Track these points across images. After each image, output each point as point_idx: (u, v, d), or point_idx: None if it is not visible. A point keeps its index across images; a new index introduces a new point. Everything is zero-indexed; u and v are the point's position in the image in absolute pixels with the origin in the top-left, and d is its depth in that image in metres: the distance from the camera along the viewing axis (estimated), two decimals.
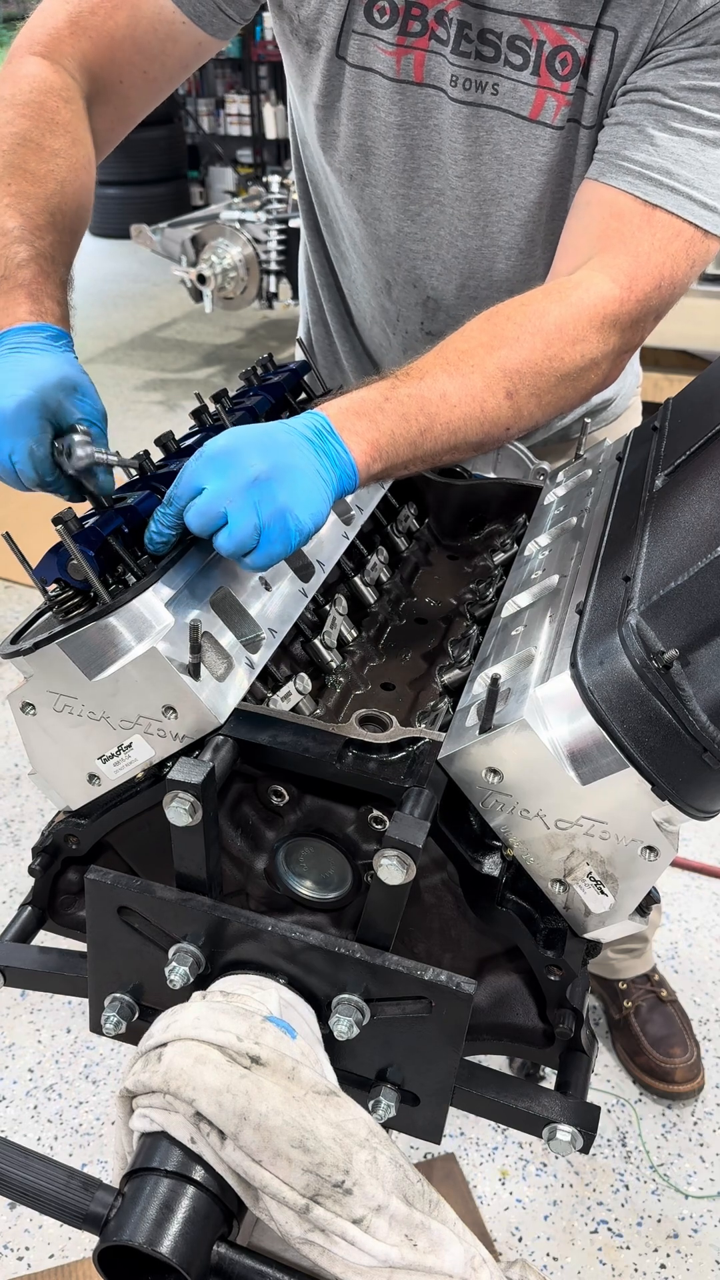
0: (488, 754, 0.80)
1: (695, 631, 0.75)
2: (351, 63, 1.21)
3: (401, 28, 1.18)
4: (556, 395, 1.07)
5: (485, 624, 1.08)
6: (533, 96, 1.18)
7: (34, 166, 1.07)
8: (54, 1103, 2.01)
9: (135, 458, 1.03)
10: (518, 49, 1.16)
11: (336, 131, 1.27)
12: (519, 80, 1.18)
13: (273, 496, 0.82)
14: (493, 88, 1.19)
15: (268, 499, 0.82)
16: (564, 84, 1.17)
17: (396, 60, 1.20)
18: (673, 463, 0.98)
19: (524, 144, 1.21)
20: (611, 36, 1.14)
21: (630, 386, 1.65)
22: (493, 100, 1.19)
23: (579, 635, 0.82)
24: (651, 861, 0.79)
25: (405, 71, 1.20)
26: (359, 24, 1.19)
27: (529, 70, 1.17)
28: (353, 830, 0.86)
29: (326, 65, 1.23)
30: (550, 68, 1.16)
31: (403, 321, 1.41)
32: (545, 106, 1.18)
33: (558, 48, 1.15)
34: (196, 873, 0.82)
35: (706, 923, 2.39)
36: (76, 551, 0.83)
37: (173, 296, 6.83)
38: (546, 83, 1.17)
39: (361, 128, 1.25)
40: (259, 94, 8.41)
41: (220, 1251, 0.67)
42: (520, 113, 1.19)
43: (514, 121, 1.20)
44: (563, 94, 1.17)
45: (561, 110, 1.18)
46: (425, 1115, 0.83)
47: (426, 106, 1.22)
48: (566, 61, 1.16)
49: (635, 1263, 1.76)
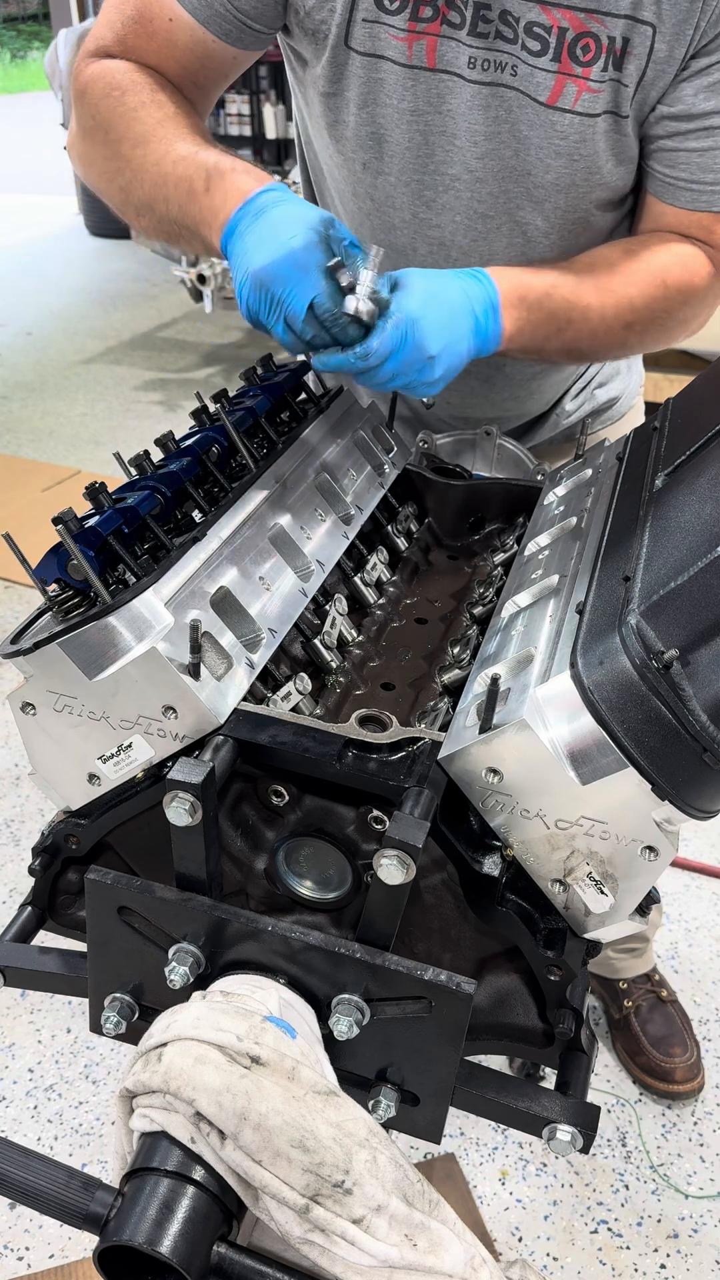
0: (488, 754, 0.80)
1: (695, 631, 0.75)
2: (359, 50, 1.21)
3: (413, 13, 1.17)
4: (657, 338, 1.30)
5: (485, 624, 1.08)
6: (551, 82, 1.18)
7: (171, 110, 1.17)
8: (54, 1103, 2.01)
9: (135, 458, 1.03)
10: (535, 35, 1.16)
11: (345, 121, 1.27)
12: (536, 65, 1.17)
13: (427, 350, 1.06)
14: (512, 69, 1.19)
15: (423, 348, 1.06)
16: (585, 69, 1.17)
17: (408, 46, 1.19)
18: (673, 463, 0.98)
19: (541, 127, 1.21)
20: (649, 32, 1.14)
21: (634, 387, 1.65)
22: (511, 81, 1.19)
23: (579, 635, 0.82)
24: (651, 861, 0.79)
25: (417, 57, 1.20)
26: (367, 11, 1.18)
27: (548, 56, 1.17)
28: (353, 830, 0.86)
29: (333, 53, 1.22)
30: (572, 54, 1.16)
31: None
32: (565, 92, 1.18)
33: (580, 34, 1.15)
34: (196, 873, 0.82)
35: (706, 923, 2.39)
36: (76, 551, 0.83)
37: (173, 296, 6.83)
38: (567, 69, 1.17)
39: (373, 115, 1.24)
40: (259, 94, 8.40)
41: (220, 1251, 0.67)
42: (538, 97, 1.19)
43: (531, 105, 1.20)
44: (584, 79, 1.17)
45: (583, 97, 1.18)
46: (425, 1115, 0.83)
47: (440, 92, 1.21)
48: (589, 48, 1.16)
49: (635, 1263, 1.76)
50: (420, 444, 1.42)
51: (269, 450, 1.13)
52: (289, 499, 1.06)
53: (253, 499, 1.03)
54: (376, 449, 1.27)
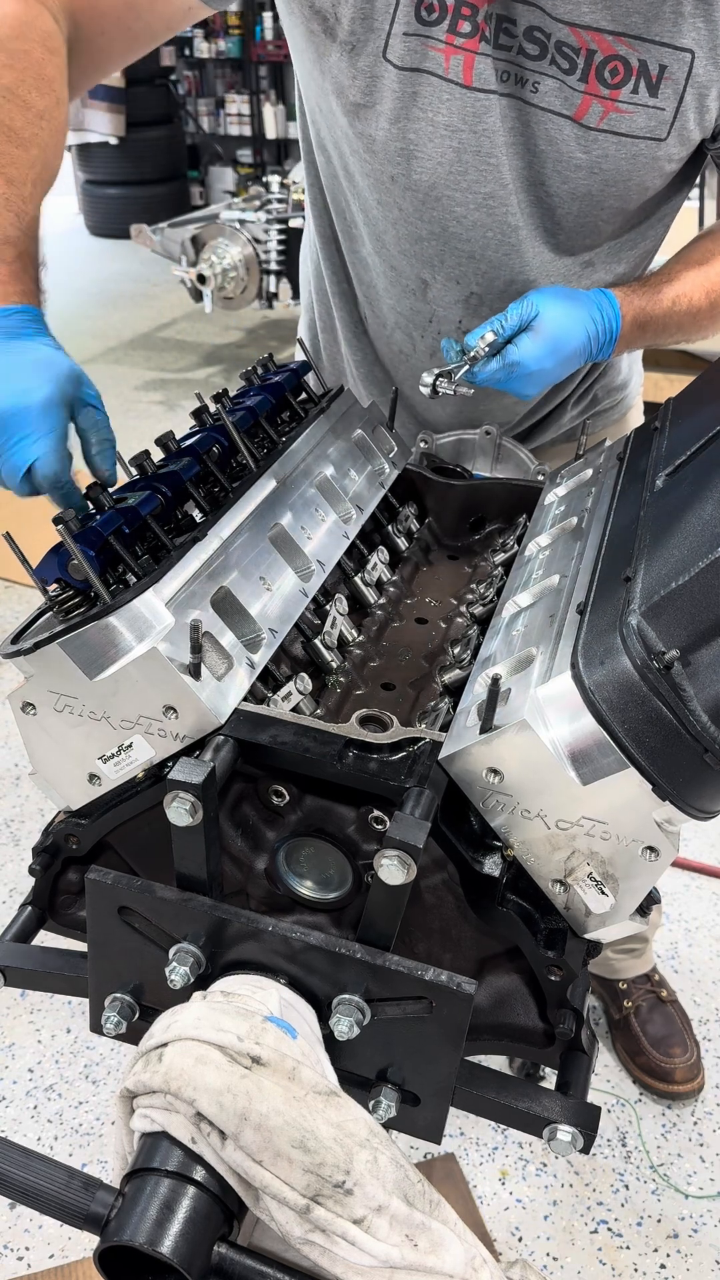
0: (488, 754, 0.80)
1: (696, 632, 0.75)
2: (398, 64, 1.19)
3: (451, 25, 1.17)
4: None
5: (486, 624, 1.08)
6: (578, 100, 1.19)
7: (20, 127, 1.04)
8: (54, 1103, 2.01)
9: (135, 458, 1.03)
10: (564, 54, 1.17)
11: (374, 135, 1.25)
12: (564, 82, 1.18)
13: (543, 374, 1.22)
14: (533, 85, 1.19)
15: None
16: (613, 91, 1.18)
17: (446, 59, 1.18)
18: (673, 463, 0.98)
19: (562, 142, 1.21)
20: (688, 58, 1.16)
21: (635, 386, 1.65)
22: (532, 98, 1.19)
23: (580, 635, 0.82)
24: (652, 862, 0.79)
25: (454, 72, 1.19)
26: (408, 25, 1.17)
27: (576, 75, 1.18)
28: (353, 830, 0.86)
29: (368, 65, 1.20)
30: (600, 76, 1.18)
31: (436, 322, 1.39)
32: (590, 110, 1.19)
33: (609, 57, 1.16)
34: (197, 873, 0.81)
35: (706, 923, 2.39)
36: (77, 551, 0.83)
37: (173, 296, 6.83)
38: (594, 90, 1.18)
39: (404, 130, 1.23)
40: (259, 94, 8.41)
41: (221, 1252, 0.67)
42: (564, 111, 1.20)
43: (553, 119, 1.20)
44: (612, 100, 1.18)
45: (609, 116, 1.19)
46: (426, 1115, 0.83)
47: (476, 111, 1.20)
48: (617, 71, 1.17)
49: (635, 1263, 1.76)
50: (421, 444, 1.42)
51: (269, 450, 1.13)
52: (289, 499, 1.06)
53: (253, 499, 1.03)
54: (377, 449, 1.27)
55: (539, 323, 1.18)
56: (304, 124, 1.42)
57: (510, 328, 1.19)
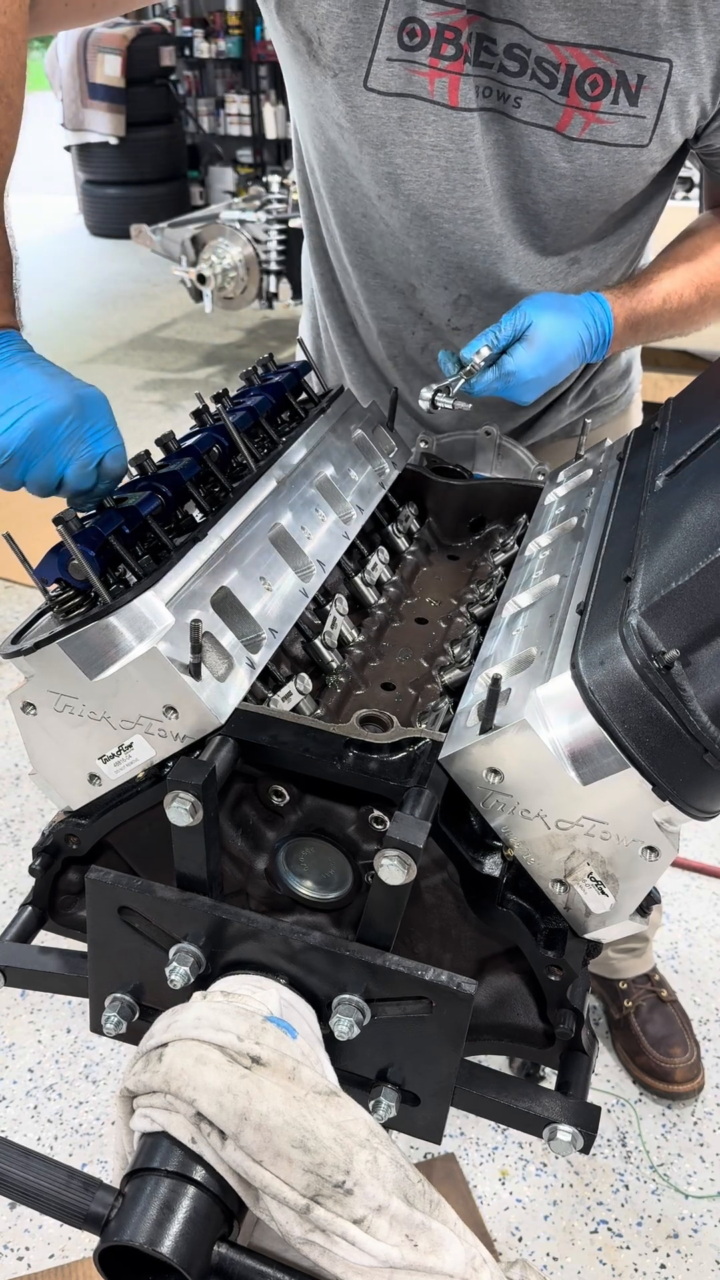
0: (488, 754, 0.80)
1: (696, 632, 0.75)
2: (380, 91, 1.20)
3: (435, 50, 1.17)
4: None
5: (485, 624, 1.08)
6: (560, 113, 1.20)
7: None
8: (54, 1103, 2.01)
9: (136, 458, 1.03)
10: (545, 69, 1.18)
11: (360, 157, 1.26)
12: (545, 95, 1.19)
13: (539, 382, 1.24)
14: (515, 100, 1.20)
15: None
16: (594, 104, 1.19)
17: (430, 82, 1.19)
18: (673, 463, 0.98)
19: (545, 153, 1.22)
20: (666, 67, 1.17)
21: (634, 382, 1.65)
22: (514, 112, 1.20)
23: (580, 635, 0.82)
24: (652, 862, 0.79)
25: (440, 95, 1.19)
26: (391, 50, 1.18)
27: (557, 89, 1.19)
28: (353, 830, 0.86)
29: (350, 94, 1.20)
30: (580, 89, 1.19)
31: (425, 318, 1.40)
32: (572, 122, 1.20)
33: (588, 70, 1.18)
34: (197, 873, 0.82)
35: (706, 923, 2.39)
36: (77, 551, 0.83)
37: (173, 296, 6.83)
38: (575, 102, 1.19)
39: (391, 155, 1.24)
40: (259, 94, 8.40)
41: (221, 1252, 0.67)
42: (546, 124, 1.21)
43: (535, 131, 1.21)
44: (593, 112, 1.19)
45: (591, 127, 1.21)
46: (426, 1115, 0.83)
47: (463, 131, 1.21)
48: (596, 84, 1.18)
49: (635, 1263, 1.76)
50: (421, 444, 1.42)
51: (270, 450, 1.13)
52: (290, 499, 1.06)
53: (253, 499, 1.03)
54: (377, 449, 1.27)
55: (532, 332, 1.20)
56: (294, 135, 1.43)
57: (504, 339, 1.21)
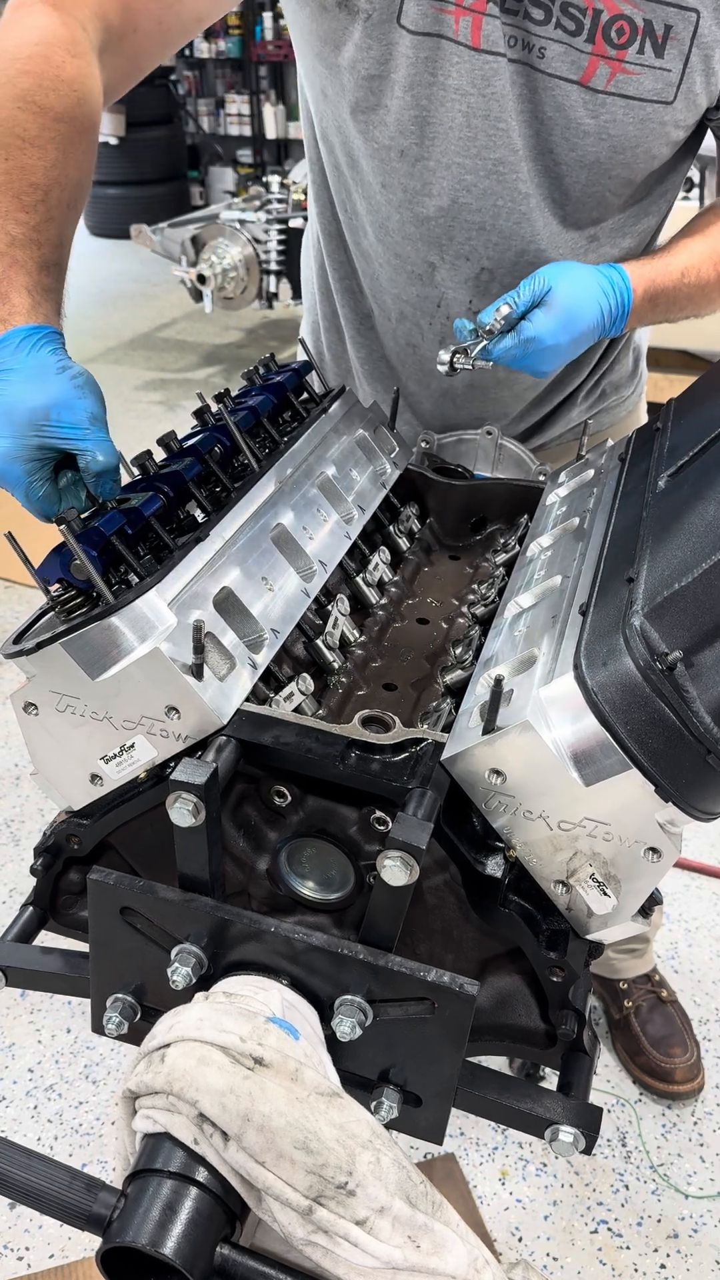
0: (491, 755, 0.80)
1: (699, 633, 0.75)
2: (411, 29, 1.19)
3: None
4: None
5: (487, 624, 1.08)
6: (585, 63, 1.19)
7: (33, 133, 1.03)
8: (54, 1103, 2.01)
9: (137, 458, 1.03)
10: (570, 15, 1.17)
11: (388, 105, 1.25)
12: (571, 44, 1.18)
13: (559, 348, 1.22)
14: (540, 50, 1.19)
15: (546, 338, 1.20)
16: (620, 52, 1.18)
17: (456, 20, 1.18)
18: (675, 464, 0.98)
19: (570, 107, 1.22)
20: (694, 17, 1.16)
21: (640, 385, 1.65)
22: (539, 63, 1.20)
23: (582, 636, 0.82)
24: (654, 863, 0.79)
25: (464, 35, 1.19)
26: None
27: (583, 37, 1.18)
28: (355, 831, 0.86)
29: (381, 33, 1.20)
30: (606, 37, 1.18)
31: (445, 306, 1.39)
32: (598, 73, 1.19)
33: (615, 17, 1.17)
34: (199, 873, 0.81)
35: (706, 923, 2.39)
36: (79, 551, 0.83)
37: (173, 296, 6.83)
38: (601, 50, 1.18)
39: (419, 97, 1.23)
40: (259, 94, 8.41)
41: (223, 1253, 0.66)
42: (570, 76, 1.20)
43: (560, 85, 1.20)
44: (619, 61, 1.18)
45: (617, 78, 1.19)
46: (427, 1116, 0.83)
47: (485, 74, 1.21)
48: (623, 31, 1.17)
49: (635, 1263, 1.76)
50: (422, 444, 1.42)
51: (271, 450, 1.13)
52: (291, 499, 1.06)
53: (255, 499, 1.02)
54: (379, 449, 1.27)
55: (551, 297, 1.19)
56: (307, 117, 1.42)
57: (524, 303, 1.19)
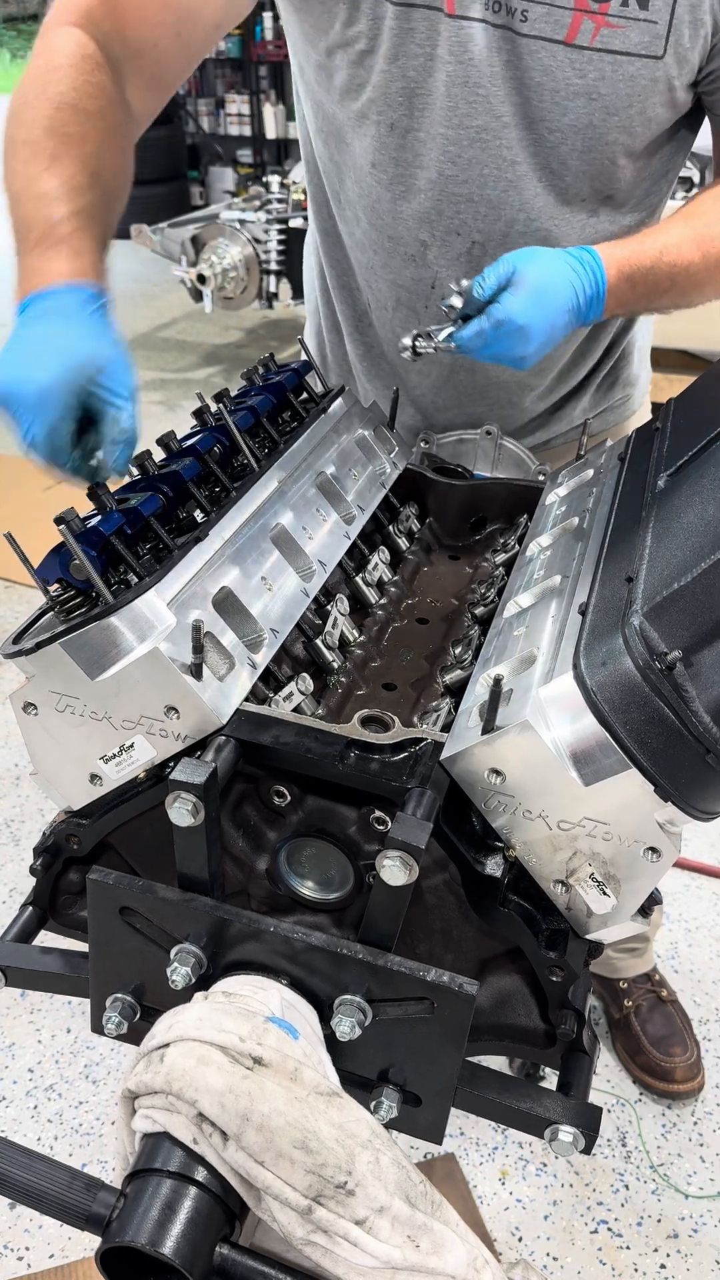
0: (490, 755, 0.80)
1: (698, 633, 0.75)
2: (395, 1, 1.20)
3: None
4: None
5: (487, 624, 1.08)
6: (569, 19, 1.18)
7: (73, 129, 1.08)
8: (54, 1103, 2.01)
9: (137, 457, 1.03)
10: None
11: (375, 80, 1.26)
12: (553, 3, 1.18)
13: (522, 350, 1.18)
14: (522, 14, 1.19)
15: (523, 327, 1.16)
16: (602, 4, 1.17)
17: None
18: (675, 463, 0.98)
19: (556, 69, 1.21)
20: None
21: (643, 385, 1.65)
22: (522, 26, 1.19)
23: (581, 636, 0.82)
24: (654, 862, 0.79)
25: (440, 1, 1.19)
26: None
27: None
28: (355, 831, 0.86)
29: (374, 8, 1.21)
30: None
31: (439, 287, 1.38)
32: (582, 29, 1.19)
33: None
34: (198, 873, 0.81)
35: (706, 923, 2.39)
36: (79, 551, 0.83)
37: (173, 296, 6.83)
38: (583, 4, 1.18)
39: (404, 68, 1.24)
40: (259, 94, 8.40)
41: (223, 1252, 0.66)
42: (554, 36, 1.19)
43: (545, 46, 1.20)
44: (602, 15, 1.18)
45: (602, 33, 1.19)
46: (427, 1116, 0.83)
47: (460, 41, 1.21)
48: None
49: (635, 1263, 1.76)
50: (421, 444, 1.41)
51: (271, 450, 1.13)
52: (291, 499, 1.06)
53: (255, 499, 1.03)
54: (378, 449, 1.27)
55: (518, 276, 1.16)
56: (301, 114, 1.43)
57: (490, 287, 1.17)
